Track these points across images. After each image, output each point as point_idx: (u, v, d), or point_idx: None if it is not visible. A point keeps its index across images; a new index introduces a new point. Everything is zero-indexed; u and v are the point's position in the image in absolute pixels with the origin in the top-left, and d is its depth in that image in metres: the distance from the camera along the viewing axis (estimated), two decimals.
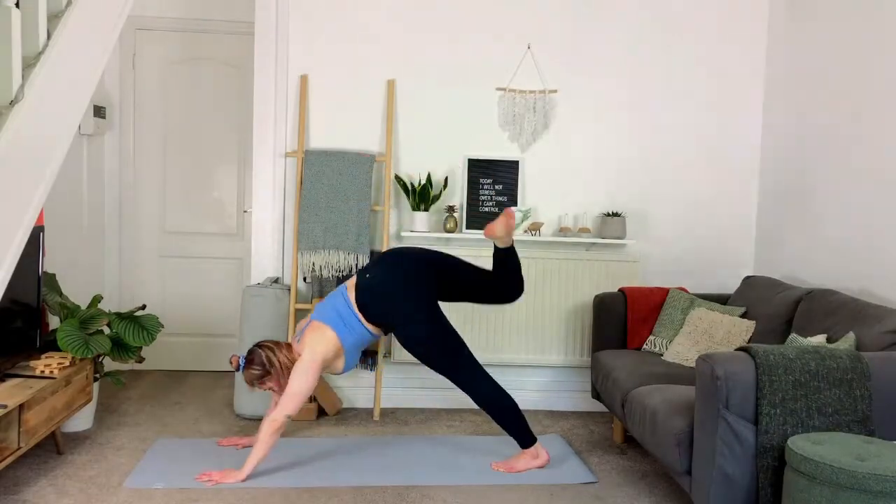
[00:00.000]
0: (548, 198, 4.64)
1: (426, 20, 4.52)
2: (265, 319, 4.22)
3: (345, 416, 4.40)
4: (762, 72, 4.69)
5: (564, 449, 3.92)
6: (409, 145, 4.56)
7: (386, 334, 3.84)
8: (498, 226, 3.61)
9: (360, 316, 3.59)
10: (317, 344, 3.52)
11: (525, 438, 3.64)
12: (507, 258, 3.74)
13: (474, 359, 3.66)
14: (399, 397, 4.58)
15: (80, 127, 4.59)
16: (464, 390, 3.65)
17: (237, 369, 3.57)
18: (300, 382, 3.45)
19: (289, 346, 3.61)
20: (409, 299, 3.59)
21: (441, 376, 4.58)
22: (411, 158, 4.56)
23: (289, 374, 3.51)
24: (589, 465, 3.75)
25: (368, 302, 3.58)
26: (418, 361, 4.49)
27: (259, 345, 3.58)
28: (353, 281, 3.67)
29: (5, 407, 2.99)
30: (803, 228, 4.25)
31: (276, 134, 4.47)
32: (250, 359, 3.53)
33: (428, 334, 3.59)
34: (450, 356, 3.61)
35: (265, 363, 3.51)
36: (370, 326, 3.62)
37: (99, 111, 4.80)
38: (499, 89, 4.57)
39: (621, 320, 4.28)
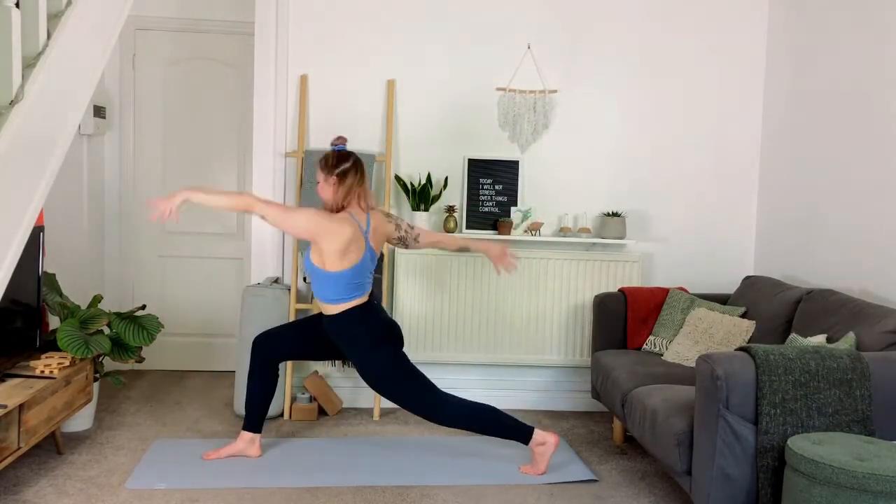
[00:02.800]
0: (548, 198, 4.64)
1: (426, 20, 4.52)
2: (265, 319, 4.22)
3: (345, 416, 4.40)
4: (763, 71, 4.69)
5: (564, 449, 3.92)
6: (409, 145, 4.56)
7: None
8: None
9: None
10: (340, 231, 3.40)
11: (521, 435, 3.56)
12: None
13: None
14: None
15: (80, 127, 4.59)
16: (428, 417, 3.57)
17: (334, 145, 3.52)
18: (298, 213, 3.41)
19: (367, 200, 3.52)
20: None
21: (440, 377, 4.58)
22: (411, 158, 4.56)
23: (339, 200, 3.44)
24: (589, 465, 3.75)
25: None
26: (418, 362, 4.50)
27: (357, 162, 3.50)
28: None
29: (5, 407, 2.99)
30: (803, 228, 4.25)
31: (276, 134, 4.47)
32: (345, 155, 3.47)
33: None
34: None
35: (342, 169, 3.43)
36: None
37: (99, 111, 4.80)
38: (499, 89, 4.57)
39: (621, 320, 4.28)
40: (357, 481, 3.44)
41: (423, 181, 4.46)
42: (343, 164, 3.46)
